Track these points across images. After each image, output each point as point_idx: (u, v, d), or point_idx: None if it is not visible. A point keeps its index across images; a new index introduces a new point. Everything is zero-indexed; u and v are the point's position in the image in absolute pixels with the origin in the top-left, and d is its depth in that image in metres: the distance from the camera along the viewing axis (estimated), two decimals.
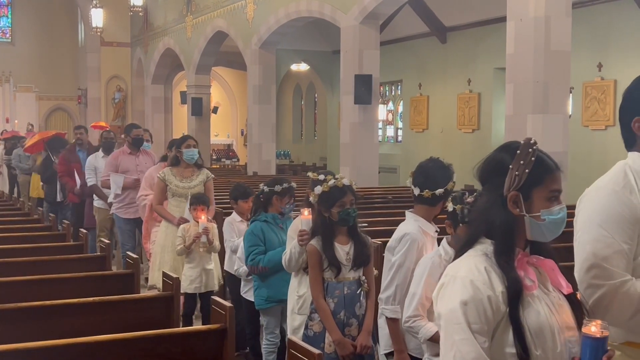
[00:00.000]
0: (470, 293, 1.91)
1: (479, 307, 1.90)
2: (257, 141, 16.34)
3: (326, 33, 17.78)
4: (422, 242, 3.56)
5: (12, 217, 8.42)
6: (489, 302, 1.90)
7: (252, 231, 4.89)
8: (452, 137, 16.67)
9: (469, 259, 2.00)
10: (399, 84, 19.28)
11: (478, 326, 1.89)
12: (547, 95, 8.62)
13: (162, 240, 6.34)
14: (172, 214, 6.33)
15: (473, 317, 1.89)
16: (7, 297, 4.10)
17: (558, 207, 2.01)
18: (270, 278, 4.82)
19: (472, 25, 15.67)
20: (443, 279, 2.00)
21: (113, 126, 22.54)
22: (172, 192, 6.40)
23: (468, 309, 1.89)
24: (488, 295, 1.90)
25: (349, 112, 12.65)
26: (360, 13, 12.27)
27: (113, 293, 4.27)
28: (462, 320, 1.89)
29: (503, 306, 1.91)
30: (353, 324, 3.88)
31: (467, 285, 1.92)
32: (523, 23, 8.69)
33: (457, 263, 2.01)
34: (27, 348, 3.02)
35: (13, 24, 28.79)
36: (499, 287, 1.93)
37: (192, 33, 20.03)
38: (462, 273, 1.95)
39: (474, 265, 1.96)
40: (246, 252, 4.88)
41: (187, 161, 6.44)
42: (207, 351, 3.38)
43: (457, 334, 1.89)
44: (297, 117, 25.15)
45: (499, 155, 2.04)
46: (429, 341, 3.24)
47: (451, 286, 1.96)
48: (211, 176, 6.64)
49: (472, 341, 1.87)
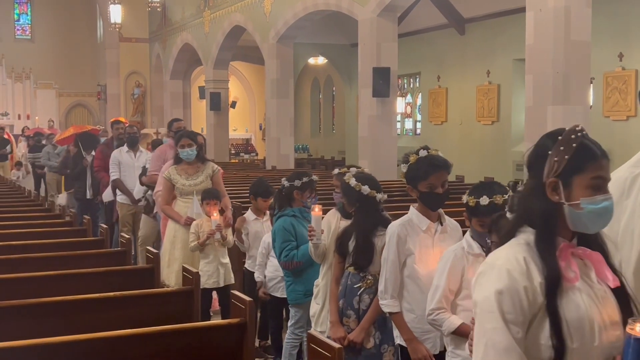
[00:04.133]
0: (505, 282, 1.88)
1: (515, 297, 1.86)
2: (275, 135, 16.35)
3: (344, 26, 17.71)
4: (405, 235, 3.56)
5: (34, 212, 8.49)
6: (525, 293, 1.87)
7: (283, 227, 4.84)
8: (471, 129, 16.57)
9: (509, 248, 1.96)
10: (417, 76, 19.19)
11: (512, 316, 1.86)
12: (567, 86, 8.54)
13: (171, 237, 6.27)
14: (179, 214, 6.24)
15: (507, 307, 1.86)
16: (28, 292, 4.13)
17: (601, 196, 1.92)
18: (305, 273, 4.80)
19: (491, 16, 15.54)
20: (481, 267, 1.97)
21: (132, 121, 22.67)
22: (180, 191, 6.32)
23: (503, 298, 1.86)
24: (524, 286, 1.87)
25: (367, 105, 12.61)
26: (378, 5, 12.22)
27: (133, 288, 4.29)
28: (495, 309, 1.86)
29: (540, 297, 1.87)
30: (351, 316, 3.93)
31: (503, 274, 1.89)
32: (542, 13, 8.60)
33: (497, 252, 1.98)
34: (49, 343, 3.04)
35: (33, 21, 29.03)
36: (538, 278, 1.89)
37: (209, 28, 20.06)
38: (500, 262, 1.92)
39: (513, 255, 1.92)
40: (279, 248, 4.84)
41: (185, 160, 6.34)
42: (227, 345, 3.39)
43: (489, 323, 1.87)
44: (315, 111, 25.13)
45: (543, 141, 1.99)
46: (452, 334, 3.22)
47: (488, 274, 1.93)
48: (217, 169, 6.50)
49: (504, 330, 1.85)
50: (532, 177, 2.00)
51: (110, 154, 8.98)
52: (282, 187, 4.99)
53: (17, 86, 27.48)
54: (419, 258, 3.59)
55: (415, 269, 3.59)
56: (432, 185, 3.52)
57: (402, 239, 3.57)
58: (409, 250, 3.58)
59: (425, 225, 3.60)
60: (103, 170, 9.13)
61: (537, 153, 1.98)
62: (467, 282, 3.21)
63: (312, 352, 2.80)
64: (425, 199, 3.56)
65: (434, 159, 3.55)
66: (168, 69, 23.92)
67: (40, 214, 8.39)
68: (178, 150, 6.34)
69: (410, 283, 3.61)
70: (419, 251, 3.59)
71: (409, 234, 3.59)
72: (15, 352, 2.97)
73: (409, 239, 3.58)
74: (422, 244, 3.59)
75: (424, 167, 3.52)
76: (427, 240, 3.60)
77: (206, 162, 6.50)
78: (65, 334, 3.15)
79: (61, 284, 4.48)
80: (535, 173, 1.98)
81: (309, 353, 2.85)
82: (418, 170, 3.53)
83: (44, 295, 3.98)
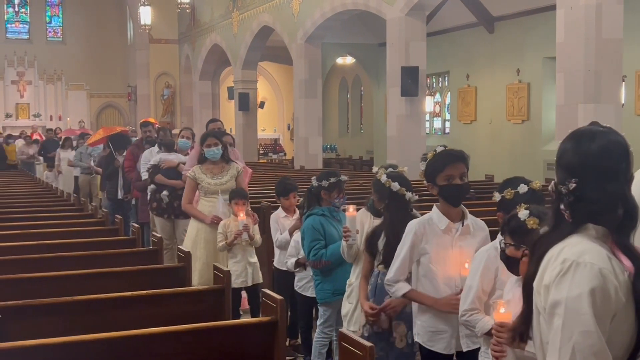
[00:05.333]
0: (598, 281, 1.79)
1: (606, 297, 1.79)
2: (303, 135, 16.37)
3: (372, 25, 17.69)
4: (422, 233, 3.57)
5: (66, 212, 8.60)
6: (615, 292, 1.80)
7: (312, 226, 4.84)
8: (501, 128, 16.44)
9: (585, 244, 1.87)
10: (446, 75, 19.09)
11: (603, 317, 1.79)
12: (598, 84, 8.45)
13: (193, 236, 6.26)
14: (203, 213, 6.25)
15: (600, 308, 1.78)
16: (61, 290, 4.19)
17: None
18: (333, 272, 4.81)
19: (521, 14, 15.41)
20: (560, 265, 1.86)
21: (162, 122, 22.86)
22: (205, 190, 6.31)
23: (597, 298, 1.78)
24: (615, 286, 1.80)
25: (396, 104, 12.58)
26: (406, 5, 12.18)
27: (164, 286, 4.32)
28: (588, 310, 1.78)
29: (624, 297, 1.81)
30: (381, 315, 3.90)
31: (595, 272, 1.80)
32: (573, 11, 8.52)
33: (574, 248, 1.88)
34: (82, 340, 3.08)
35: (64, 24, 29.41)
36: (621, 275, 1.83)
37: (238, 29, 20.15)
38: (587, 259, 1.83)
39: (597, 251, 1.84)
40: (307, 247, 4.84)
41: (210, 159, 6.37)
42: (258, 344, 3.40)
43: (579, 326, 1.78)
44: (343, 111, 25.12)
45: (602, 141, 1.94)
46: (486, 335, 3.19)
47: (573, 272, 1.83)
48: (241, 170, 6.52)
49: (596, 334, 1.77)
50: (598, 175, 1.92)
51: (140, 154, 9.04)
52: (311, 186, 5.00)
53: (49, 88, 27.87)
54: (435, 258, 3.57)
55: (431, 268, 3.58)
56: (450, 177, 3.51)
57: (419, 237, 3.57)
58: (423, 249, 3.58)
59: (445, 225, 3.57)
60: (133, 170, 9.20)
61: (606, 151, 1.92)
62: (501, 282, 3.18)
63: (343, 351, 2.80)
64: (445, 192, 3.54)
65: (450, 151, 3.58)
66: (197, 69, 24.07)
67: (73, 213, 8.50)
68: (204, 150, 6.36)
69: (425, 282, 3.60)
70: (436, 251, 3.57)
71: (426, 232, 3.58)
72: (49, 349, 3.02)
73: (426, 238, 3.57)
74: (440, 243, 3.57)
75: (440, 159, 3.54)
76: (445, 240, 3.58)
77: (230, 162, 6.51)
78: (97, 331, 3.19)
79: (93, 283, 4.53)
80: (601, 171, 1.91)
81: (340, 351, 2.85)
82: (435, 163, 3.55)
83: (77, 293, 4.03)
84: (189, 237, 6.34)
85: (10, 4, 28.94)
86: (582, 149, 1.95)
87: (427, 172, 3.58)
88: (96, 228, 7.10)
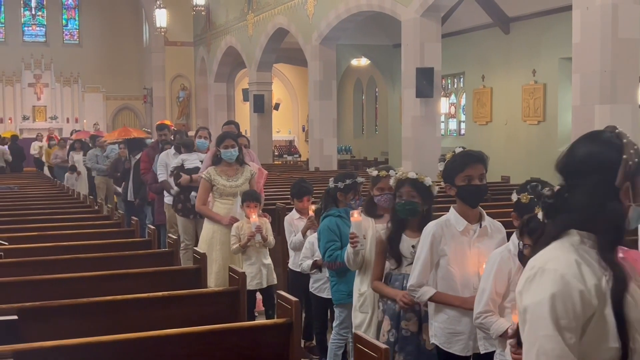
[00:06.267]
0: (559, 287, 1.82)
1: (568, 302, 1.81)
2: (318, 137, 16.38)
3: (386, 27, 17.67)
4: (440, 235, 3.56)
5: (83, 214, 8.66)
6: (579, 297, 1.81)
7: (328, 227, 4.83)
8: (517, 129, 16.37)
9: (555, 251, 1.90)
10: (461, 76, 19.04)
11: (566, 322, 1.81)
12: (615, 85, 8.39)
13: (208, 238, 6.25)
14: (219, 214, 6.24)
15: (561, 313, 1.81)
16: (78, 292, 4.22)
17: None
18: (349, 273, 4.79)
19: (536, 15, 15.34)
20: (528, 271, 1.91)
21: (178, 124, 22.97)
22: (220, 191, 6.30)
23: (556, 303, 1.81)
24: (580, 290, 1.82)
25: (411, 105, 12.55)
26: (421, 6, 12.16)
27: (180, 288, 4.34)
28: (548, 315, 1.81)
29: (595, 300, 1.83)
30: (411, 319, 3.88)
31: (556, 278, 1.83)
32: (589, 11, 8.47)
33: (544, 255, 1.91)
34: (98, 342, 3.10)
35: (80, 26, 29.62)
36: (591, 280, 1.84)
37: (253, 31, 20.20)
38: (551, 266, 1.86)
39: (564, 258, 1.87)
40: (323, 248, 4.84)
41: (227, 160, 6.38)
42: (273, 345, 3.41)
43: (541, 330, 1.82)
44: (358, 112, 25.11)
45: (597, 146, 1.94)
46: (500, 337, 3.18)
47: (538, 279, 1.87)
48: (255, 173, 6.52)
49: (556, 338, 1.80)
50: (588, 182, 1.92)
51: (155, 156, 9.07)
52: (328, 187, 5.01)
53: (65, 90, 28.07)
54: (453, 259, 3.56)
55: (449, 270, 3.57)
56: (469, 177, 3.51)
57: (437, 239, 3.57)
58: (442, 251, 3.57)
59: (462, 227, 3.57)
60: (149, 172, 9.23)
61: (591, 157, 1.93)
62: (515, 284, 3.17)
63: (358, 353, 2.80)
64: (463, 193, 3.53)
65: (469, 151, 3.58)
66: (212, 71, 24.16)
67: (89, 215, 8.56)
68: (220, 151, 6.36)
69: (444, 284, 3.59)
70: (454, 252, 3.56)
71: (444, 234, 3.57)
72: (66, 350, 3.04)
73: (444, 240, 3.57)
74: (458, 245, 3.57)
75: (459, 159, 3.53)
76: (463, 242, 3.58)
77: (244, 165, 6.50)
78: (114, 332, 3.21)
79: (110, 284, 4.56)
80: (594, 179, 1.91)
81: (355, 353, 2.85)
82: (454, 163, 3.54)
83: (93, 295, 4.06)
84: (204, 239, 6.33)
85: (27, 7, 29.18)
86: (571, 153, 1.98)
87: (445, 173, 3.57)
88: (112, 230, 7.14)
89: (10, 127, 26.32)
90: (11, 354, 2.92)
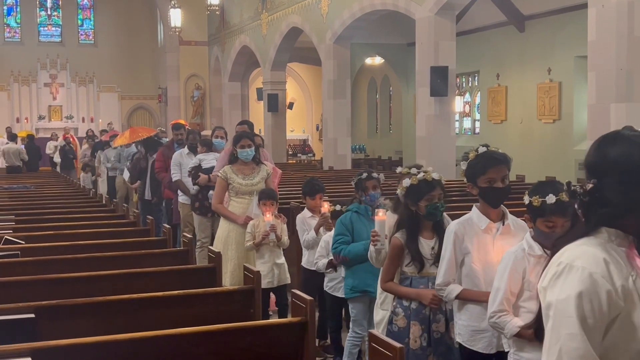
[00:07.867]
0: (587, 285, 1.80)
1: (595, 301, 1.79)
2: (332, 136, 16.38)
3: (400, 25, 17.63)
4: (463, 234, 3.57)
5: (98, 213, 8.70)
6: (607, 297, 1.80)
7: (341, 221, 4.93)
8: (532, 127, 16.29)
9: (584, 247, 1.88)
10: (475, 75, 18.97)
11: (592, 321, 1.79)
12: (631, 83, 8.34)
13: (224, 237, 6.27)
14: (234, 213, 6.26)
15: (588, 312, 1.79)
16: (94, 290, 4.25)
17: None
18: (355, 268, 4.83)
19: (552, 13, 15.26)
20: (555, 267, 1.89)
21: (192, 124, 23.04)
22: (236, 190, 6.33)
23: (583, 302, 1.79)
24: (607, 290, 1.80)
25: (425, 104, 12.53)
26: (436, 4, 12.13)
27: (195, 286, 4.36)
28: (574, 313, 1.79)
29: (622, 301, 1.81)
30: (440, 320, 3.88)
31: (584, 277, 1.81)
32: (605, 9, 8.42)
33: (571, 251, 1.89)
34: (115, 340, 3.12)
35: (96, 26, 29.78)
36: (619, 280, 1.82)
37: (267, 30, 20.23)
38: (579, 263, 1.84)
39: (592, 255, 1.85)
40: (333, 239, 4.94)
41: (243, 159, 6.41)
42: (288, 344, 3.42)
43: (566, 328, 1.80)
44: (372, 111, 25.07)
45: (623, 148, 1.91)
46: (515, 337, 3.17)
47: (565, 275, 1.85)
48: (271, 172, 6.55)
49: (581, 337, 1.78)
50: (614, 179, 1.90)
51: (170, 155, 9.10)
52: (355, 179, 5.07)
53: (81, 90, 28.25)
54: (477, 257, 3.57)
55: (473, 268, 3.57)
56: (491, 180, 3.51)
57: (460, 238, 3.57)
58: (466, 248, 3.57)
59: (485, 225, 3.57)
60: (164, 171, 9.27)
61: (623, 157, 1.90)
62: (529, 284, 3.16)
63: (373, 352, 2.80)
64: (485, 194, 3.54)
65: (493, 153, 3.57)
66: (227, 71, 24.21)
67: (105, 214, 8.60)
68: (237, 150, 6.39)
69: (468, 282, 3.60)
70: (477, 250, 3.57)
71: (467, 232, 3.58)
72: (82, 348, 3.06)
73: (467, 238, 3.57)
74: (481, 243, 3.57)
75: (482, 161, 3.53)
76: (486, 240, 3.58)
77: (260, 164, 6.53)
78: (129, 331, 3.22)
79: (125, 283, 4.58)
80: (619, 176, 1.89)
81: (370, 353, 2.85)
82: (477, 164, 3.54)
83: (109, 293, 4.08)
84: (219, 238, 6.36)
85: (43, 7, 29.38)
86: (601, 151, 1.95)
87: (468, 173, 3.57)
88: (128, 229, 7.17)
89: (26, 127, 26.49)
90: (28, 352, 2.94)
